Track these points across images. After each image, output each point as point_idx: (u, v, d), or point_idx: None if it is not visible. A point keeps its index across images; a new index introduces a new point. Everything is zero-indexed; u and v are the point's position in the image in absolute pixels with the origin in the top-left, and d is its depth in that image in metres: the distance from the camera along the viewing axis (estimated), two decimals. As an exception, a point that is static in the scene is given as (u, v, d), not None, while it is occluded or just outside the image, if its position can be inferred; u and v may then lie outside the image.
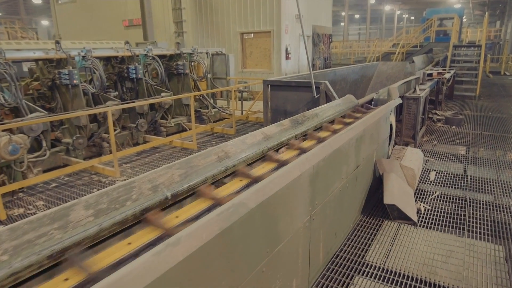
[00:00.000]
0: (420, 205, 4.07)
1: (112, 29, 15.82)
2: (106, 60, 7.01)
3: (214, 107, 8.66)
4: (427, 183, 4.82)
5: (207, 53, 8.84)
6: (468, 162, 5.66)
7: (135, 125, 6.76)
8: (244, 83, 9.97)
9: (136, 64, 6.85)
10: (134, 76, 6.84)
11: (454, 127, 7.96)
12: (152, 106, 7.39)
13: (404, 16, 52.91)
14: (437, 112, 8.99)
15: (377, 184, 4.24)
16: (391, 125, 5.22)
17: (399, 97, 6.32)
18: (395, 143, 6.58)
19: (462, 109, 10.33)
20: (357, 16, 54.29)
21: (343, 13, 39.40)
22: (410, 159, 4.56)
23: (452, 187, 4.69)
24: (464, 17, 28.63)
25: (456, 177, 5.03)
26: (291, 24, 12.01)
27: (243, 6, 12.01)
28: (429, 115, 8.78)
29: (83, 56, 5.88)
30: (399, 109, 6.31)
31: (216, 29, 12.93)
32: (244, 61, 12.59)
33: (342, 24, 50.20)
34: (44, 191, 4.89)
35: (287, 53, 11.90)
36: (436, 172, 5.19)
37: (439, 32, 20.07)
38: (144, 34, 12.14)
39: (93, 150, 6.19)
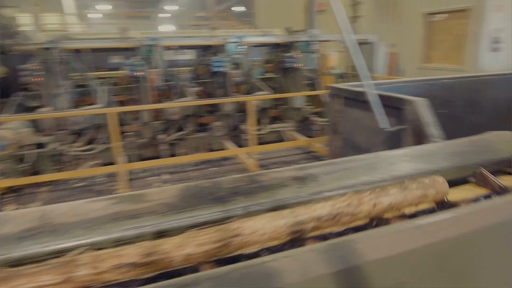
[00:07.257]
0: None
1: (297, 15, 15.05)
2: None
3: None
4: None
5: (339, 41, 6.59)
6: None
7: (212, 127, 5.66)
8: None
9: (221, 55, 5.63)
10: (219, 69, 5.65)
11: None
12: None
13: None
14: None
15: None
16: None
17: None
18: None
19: None
20: None
21: None
22: None
23: None
24: None
25: None
26: (510, -4, 7.73)
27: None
28: None
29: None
30: None
31: (397, 10, 9.96)
32: (428, 52, 9.17)
33: None
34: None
35: (495, 42, 7.80)
36: None
37: None
38: (306, 20, 10.66)
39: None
